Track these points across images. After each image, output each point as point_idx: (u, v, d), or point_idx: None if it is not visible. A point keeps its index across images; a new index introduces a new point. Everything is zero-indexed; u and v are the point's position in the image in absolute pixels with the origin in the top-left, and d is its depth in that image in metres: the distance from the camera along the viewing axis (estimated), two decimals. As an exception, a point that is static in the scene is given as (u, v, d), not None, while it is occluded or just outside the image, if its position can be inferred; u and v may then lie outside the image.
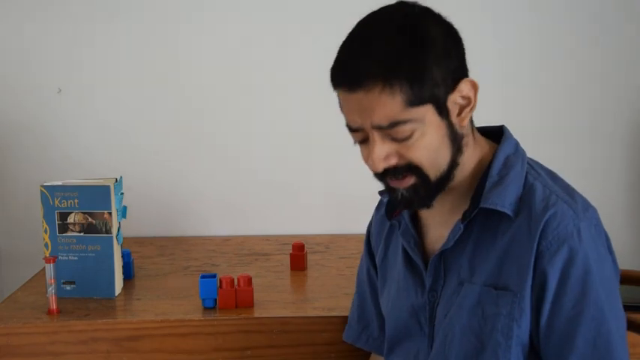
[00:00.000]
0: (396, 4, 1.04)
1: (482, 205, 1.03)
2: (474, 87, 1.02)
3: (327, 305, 1.49)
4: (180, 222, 2.07)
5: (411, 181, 1.02)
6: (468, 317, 1.05)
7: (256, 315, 1.45)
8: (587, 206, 1.03)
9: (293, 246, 1.73)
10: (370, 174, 1.06)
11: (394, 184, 1.04)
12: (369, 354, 1.36)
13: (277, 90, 2.02)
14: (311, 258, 1.78)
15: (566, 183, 1.07)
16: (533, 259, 1.00)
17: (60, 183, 1.54)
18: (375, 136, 1.00)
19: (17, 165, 2.05)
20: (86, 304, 1.51)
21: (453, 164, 1.04)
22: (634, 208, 2.08)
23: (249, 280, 1.49)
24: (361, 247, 1.90)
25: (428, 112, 0.99)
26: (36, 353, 1.42)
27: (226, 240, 2.00)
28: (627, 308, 1.35)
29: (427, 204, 1.06)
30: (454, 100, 1.01)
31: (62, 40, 2.00)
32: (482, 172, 1.07)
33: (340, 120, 1.05)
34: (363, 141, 1.03)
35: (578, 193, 1.06)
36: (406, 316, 1.15)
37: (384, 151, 1.00)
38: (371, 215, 1.31)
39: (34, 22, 1.99)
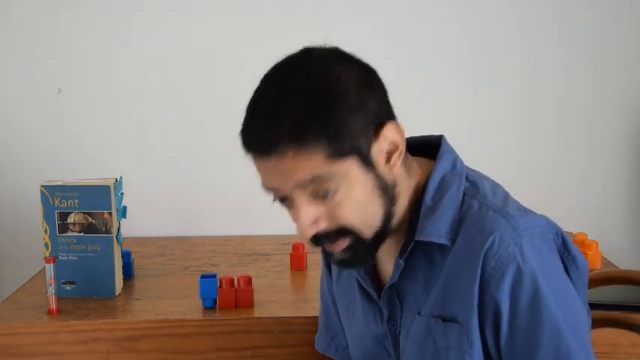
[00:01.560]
0: (301, 52, 0.97)
1: (417, 237, 0.98)
2: (399, 131, 0.95)
3: (327, 305, 1.49)
4: (180, 222, 2.07)
5: (345, 243, 0.96)
6: (420, 349, 1.01)
7: (256, 315, 1.45)
8: (526, 217, 0.97)
9: (293, 246, 1.73)
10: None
11: (329, 247, 0.98)
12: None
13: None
14: (311, 258, 1.78)
15: (504, 195, 1.01)
16: (477, 289, 0.94)
17: (60, 183, 1.54)
18: (299, 199, 0.94)
19: (17, 165, 2.05)
20: (86, 304, 1.51)
21: (388, 217, 0.97)
22: (634, 208, 2.08)
23: (249, 280, 1.49)
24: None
25: (351, 165, 0.92)
26: (36, 353, 1.42)
27: (226, 240, 2.00)
28: (627, 308, 1.36)
29: (367, 262, 1.02)
30: (380, 148, 0.94)
31: (62, 40, 2.00)
32: (418, 199, 1.00)
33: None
34: (283, 199, 0.98)
35: (517, 203, 1.00)
36: (372, 344, 1.11)
37: (311, 215, 0.95)
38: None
39: (34, 22, 1.99)
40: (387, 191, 0.96)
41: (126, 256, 1.64)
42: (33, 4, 1.99)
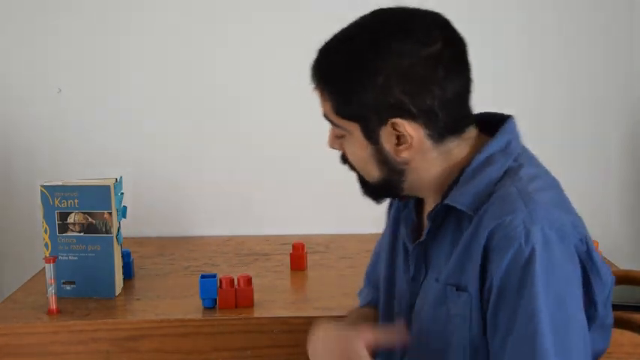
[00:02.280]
0: (389, 14, 1.01)
1: (446, 201, 1.01)
2: (415, 131, 0.98)
3: (327, 305, 1.50)
4: (180, 222, 2.07)
5: (353, 171, 1.08)
6: (434, 315, 1.03)
7: (256, 315, 1.45)
8: (552, 210, 0.96)
9: (293, 246, 1.73)
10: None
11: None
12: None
13: (276, 91, 2.02)
14: (311, 258, 1.78)
15: (543, 185, 1.00)
16: (480, 260, 0.96)
17: (60, 183, 1.54)
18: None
19: (17, 165, 2.05)
20: (86, 304, 1.51)
21: (389, 183, 1.04)
22: (633, 208, 2.08)
23: (249, 280, 1.49)
24: (361, 247, 1.91)
25: (354, 128, 1.01)
26: (36, 353, 1.42)
27: (226, 240, 2.00)
28: (627, 308, 1.36)
29: (374, 199, 1.10)
30: (389, 132, 0.99)
31: (62, 40, 2.00)
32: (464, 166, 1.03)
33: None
34: None
35: (556, 198, 1.00)
36: (395, 297, 1.15)
37: (332, 137, 1.07)
38: (369, 216, 1.31)
39: (34, 22, 1.99)
40: (388, 165, 1.02)
41: (126, 256, 1.64)
42: (33, 4, 1.98)
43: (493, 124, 1.06)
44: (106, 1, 1.99)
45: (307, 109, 1.99)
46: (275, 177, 2.06)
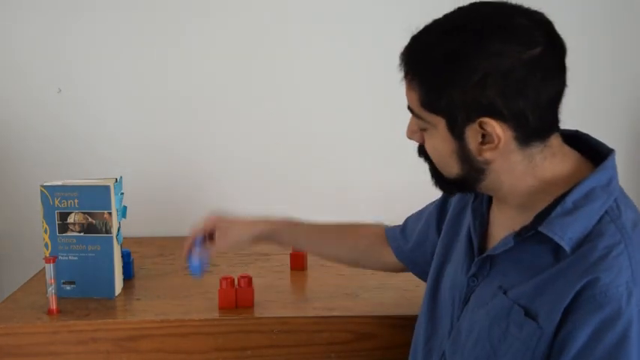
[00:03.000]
0: (491, 9, 0.98)
1: (542, 229, 0.98)
2: (503, 132, 0.96)
3: (327, 305, 1.49)
4: (180, 222, 2.06)
5: (428, 163, 1.07)
6: (490, 324, 1.02)
7: (256, 315, 1.45)
8: None
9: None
10: (369, 176, 1.07)
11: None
12: (369, 354, 1.36)
13: (276, 91, 2.02)
14: (311, 258, 1.78)
15: None
16: (567, 303, 0.93)
17: (60, 183, 1.54)
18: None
19: (17, 165, 2.05)
20: (86, 304, 1.51)
21: (466, 180, 1.03)
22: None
23: (249, 280, 1.49)
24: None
25: (440, 122, 0.99)
26: (36, 353, 1.42)
27: (226, 240, 2.00)
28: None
29: (447, 191, 1.11)
30: (475, 130, 0.97)
31: (62, 40, 2.00)
32: (560, 191, 0.99)
33: (341, 121, 1.06)
34: None
35: None
36: (447, 287, 1.16)
37: (412, 127, 1.06)
38: (370, 216, 1.32)
39: (34, 21, 1.99)
40: (469, 163, 1.00)
41: (126, 256, 1.64)
42: (33, 3, 1.98)
43: (575, 138, 1.06)
44: (107, 1, 1.99)
45: (309, 110, 2.01)
46: (275, 177, 2.06)
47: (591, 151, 1.05)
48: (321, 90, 2.00)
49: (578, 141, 1.06)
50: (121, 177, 1.58)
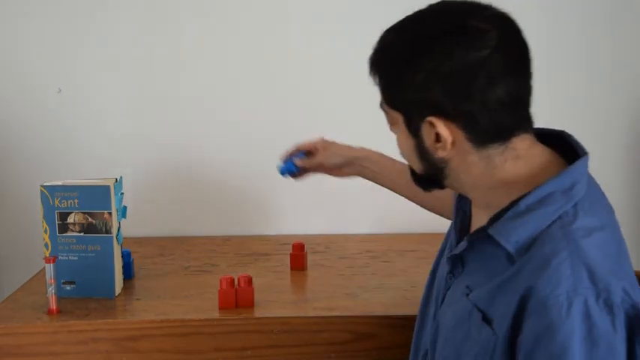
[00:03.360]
0: (448, 8, 1.00)
1: (490, 231, 0.98)
2: (451, 131, 0.97)
3: (327, 305, 1.49)
4: (180, 222, 2.07)
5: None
6: (454, 327, 1.02)
7: (256, 315, 1.45)
8: (605, 279, 0.88)
9: (293, 246, 1.73)
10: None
11: None
12: (369, 354, 1.36)
13: (276, 92, 2.02)
14: (311, 258, 1.78)
15: (599, 242, 0.93)
16: (514, 310, 0.91)
17: (60, 183, 1.54)
18: None
19: (17, 165, 2.05)
20: (86, 304, 1.51)
21: (430, 175, 1.05)
22: (634, 208, 2.09)
23: (249, 280, 1.49)
24: (361, 247, 1.91)
25: (399, 118, 1.02)
26: (36, 353, 1.42)
27: (226, 240, 2.00)
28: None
29: (422, 187, 1.10)
30: (429, 128, 0.98)
31: (62, 40, 2.00)
32: (520, 193, 0.97)
33: (341, 121, 1.06)
34: None
35: (612, 257, 0.92)
36: (436, 281, 1.17)
37: (387, 121, 1.08)
38: (369, 216, 1.32)
39: (34, 21, 1.99)
40: (429, 161, 1.02)
41: (126, 256, 1.64)
42: (33, 3, 1.99)
43: (564, 144, 1.04)
44: (107, 1, 1.99)
45: (308, 110, 2.01)
46: (275, 177, 2.05)
47: (574, 154, 1.03)
48: (321, 90, 1.99)
49: (562, 142, 1.05)
50: (121, 177, 1.58)
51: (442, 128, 0.97)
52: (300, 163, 1.57)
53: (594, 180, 1.05)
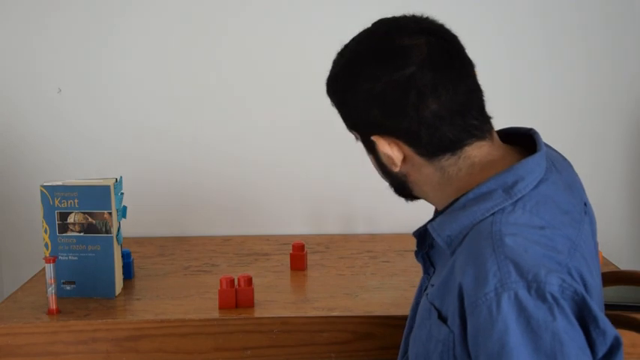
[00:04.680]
0: (375, 30, 1.02)
1: (428, 226, 1.01)
2: (396, 149, 0.99)
3: (327, 305, 1.49)
4: (180, 222, 2.07)
5: None
6: (419, 326, 1.03)
7: (256, 315, 1.45)
8: (534, 269, 0.86)
9: (293, 246, 1.73)
10: (369, 176, 1.08)
11: None
12: (369, 354, 1.36)
13: (276, 92, 2.02)
14: (311, 258, 1.78)
15: (538, 238, 0.91)
16: (457, 306, 0.91)
17: (60, 183, 1.54)
18: None
19: (17, 165, 2.05)
20: (86, 304, 1.51)
21: (398, 188, 1.07)
22: (634, 208, 2.08)
23: (249, 280, 1.49)
24: (361, 247, 1.91)
25: (357, 136, 1.05)
26: (36, 353, 1.42)
27: (226, 240, 2.00)
28: (627, 308, 1.36)
29: (401, 197, 1.11)
30: (379, 146, 1.00)
31: (62, 40, 2.00)
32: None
33: (341, 121, 1.06)
34: None
35: (544, 249, 0.90)
36: (417, 291, 1.19)
37: None
38: (369, 216, 1.32)
39: (34, 22, 1.99)
40: (390, 175, 1.05)
41: (126, 256, 1.64)
42: (33, 3, 1.98)
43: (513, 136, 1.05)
44: (107, 1, 1.99)
45: (308, 110, 2.01)
46: (275, 177, 2.06)
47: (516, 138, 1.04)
48: (323, 91, 1.99)
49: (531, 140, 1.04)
50: (121, 177, 1.58)
51: (385, 147, 0.99)
52: None
53: (566, 176, 1.04)
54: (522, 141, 1.04)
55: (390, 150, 0.99)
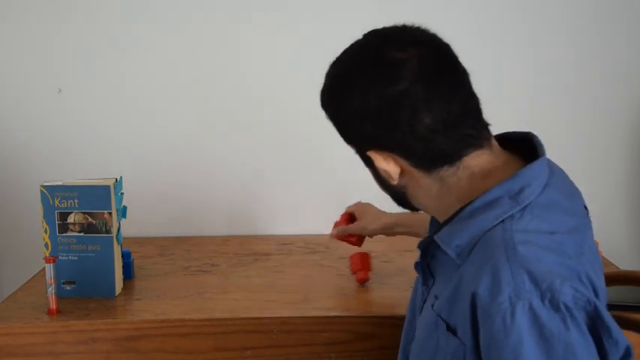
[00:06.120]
0: (366, 42, 1.01)
1: (435, 237, 0.99)
2: (392, 163, 0.99)
3: (327, 305, 1.50)
4: (180, 222, 2.07)
5: None
6: (425, 338, 1.01)
7: (256, 315, 1.45)
8: (549, 279, 0.86)
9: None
10: (370, 177, 1.08)
11: None
12: (369, 354, 1.36)
13: (278, 90, 2.02)
14: (311, 258, 1.78)
15: (547, 244, 0.91)
16: (469, 316, 0.90)
17: (60, 183, 1.54)
18: None
19: (17, 165, 2.05)
20: (86, 304, 1.51)
21: (398, 200, 1.07)
22: (634, 208, 2.08)
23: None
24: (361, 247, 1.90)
25: (355, 150, 1.05)
26: (36, 353, 1.42)
27: (226, 240, 2.00)
28: (627, 308, 1.36)
29: (404, 208, 1.10)
30: (377, 160, 1.00)
31: (62, 40, 2.00)
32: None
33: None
34: None
35: (557, 257, 0.90)
36: (414, 299, 1.17)
37: None
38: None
39: (34, 21, 1.99)
40: (389, 187, 1.04)
41: (126, 256, 1.64)
42: (33, 3, 1.98)
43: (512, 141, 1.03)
44: (107, 1, 1.99)
45: (309, 111, 2.01)
46: (275, 177, 2.06)
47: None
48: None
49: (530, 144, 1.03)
50: (121, 177, 1.58)
51: (381, 162, 0.99)
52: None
53: (564, 181, 1.03)
54: (520, 145, 1.03)
55: (387, 164, 0.99)
